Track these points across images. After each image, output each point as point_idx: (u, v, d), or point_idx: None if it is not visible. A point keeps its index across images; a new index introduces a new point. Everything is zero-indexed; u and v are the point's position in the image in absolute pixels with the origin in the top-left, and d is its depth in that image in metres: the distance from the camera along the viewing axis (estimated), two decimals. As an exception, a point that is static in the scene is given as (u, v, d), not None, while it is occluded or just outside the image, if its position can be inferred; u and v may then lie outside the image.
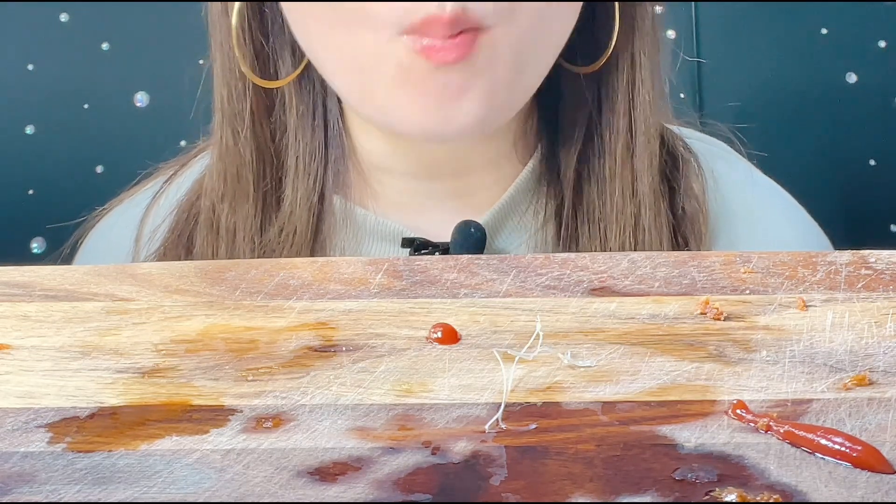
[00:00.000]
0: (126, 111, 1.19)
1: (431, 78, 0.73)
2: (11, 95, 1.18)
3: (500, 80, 0.75)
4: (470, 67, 0.73)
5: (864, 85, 1.19)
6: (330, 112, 0.84)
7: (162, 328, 0.59)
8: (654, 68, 0.83)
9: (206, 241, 0.84)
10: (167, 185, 0.90)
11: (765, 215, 0.88)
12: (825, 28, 1.19)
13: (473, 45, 0.73)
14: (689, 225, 0.84)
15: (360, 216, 0.84)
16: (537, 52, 0.77)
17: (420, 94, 0.74)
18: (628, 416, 0.51)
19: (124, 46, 1.19)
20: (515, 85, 0.76)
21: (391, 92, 0.75)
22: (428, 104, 0.74)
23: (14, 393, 0.54)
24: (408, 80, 0.74)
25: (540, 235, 0.84)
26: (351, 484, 0.47)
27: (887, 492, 0.46)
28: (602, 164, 0.83)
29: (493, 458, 0.49)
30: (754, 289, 0.61)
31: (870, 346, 0.56)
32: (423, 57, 0.73)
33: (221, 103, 0.84)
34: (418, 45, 0.72)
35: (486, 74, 0.74)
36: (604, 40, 0.82)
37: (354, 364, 0.56)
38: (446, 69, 0.73)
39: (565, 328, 0.58)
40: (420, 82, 0.74)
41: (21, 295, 0.63)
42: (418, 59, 0.73)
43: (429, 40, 0.72)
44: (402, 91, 0.74)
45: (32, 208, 1.19)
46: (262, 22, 0.83)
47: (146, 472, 0.48)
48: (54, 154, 1.19)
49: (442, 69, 0.73)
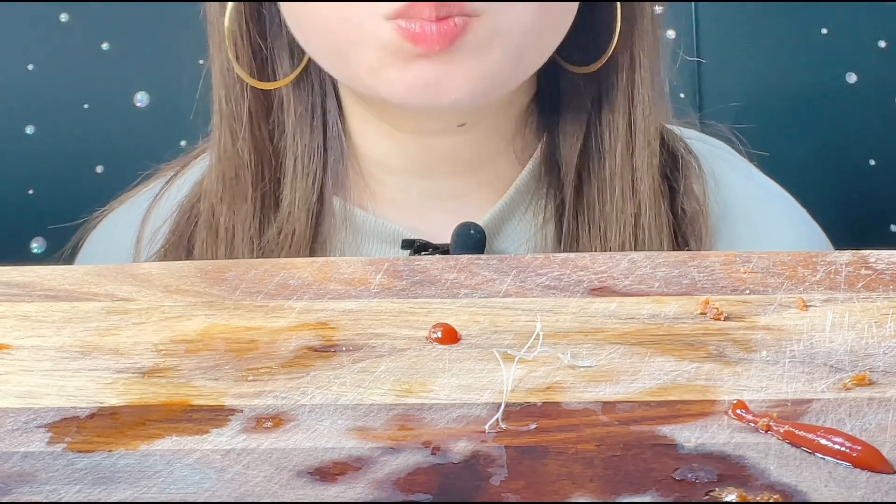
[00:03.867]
0: (126, 111, 1.19)
1: (416, 61, 0.74)
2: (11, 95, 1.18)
3: (489, 66, 0.75)
4: (456, 54, 0.74)
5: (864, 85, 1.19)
6: (329, 113, 0.84)
7: (162, 328, 0.59)
8: (653, 68, 0.83)
9: (206, 243, 0.84)
10: (168, 186, 0.90)
11: (765, 216, 0.87)
12: (825, 28, 1.19)
13: (462, 32, 0.73)
14: (690, 225, 0.84)
15: (360, 218, 0.84)
16: (533, 41, 0.77)
17: (406, 74, 0.74)
18: (628, 416, 0.51)
19: (124, 46, 1.19)
20: (508, 70, 0.77)
21: (375, 72, 0.75)
22: (415, 83, 0.74)
23: (14, 393, 0.54)
24: (393, 63, 0.74)
25: (540, 236, 0.84)
26: (351, 484, 0.47)
27: (887, 492, 0.46)
28: (602, 164, 0.83)
29: (493, 458, 0.49)
30: (754, 289, 0.61)
31: (870, 346, 0.56)
32: (411, 42, 0.73)
33: (220, 104, 0.84)
34: (405, 30, 0.73)
35: (473, 60, 0.74)
36: (603, 40, 0.82)
37: (354, 364, 0.56)
38: (431, 55, 0.73)
39: (565, 328, 0.58)
40: (404, 65, 0.74)
41: (21, 295, 0.63)
42: (404, 43, 0.73)
43: (417, 25, 0.73)
44: (387, 72, 0.75)
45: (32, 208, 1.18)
46: (259, 22, 0.83)
47: (146, 472, 0.48)
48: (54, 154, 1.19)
49: (427, 55, 0.73)
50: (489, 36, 0.74)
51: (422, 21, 0.73)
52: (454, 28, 0.73)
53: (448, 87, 0.75)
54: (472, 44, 0.74)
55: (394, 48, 0.74)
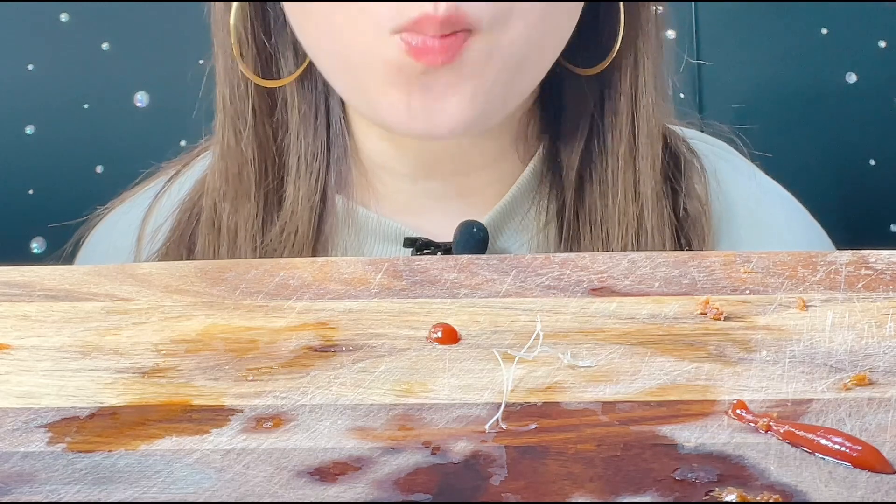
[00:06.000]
0: (126, 111, 1.19)
1: (418, 79, 0.74)
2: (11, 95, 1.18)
3: (489, 84, 0.75)
4: (458, 70, 0.73)
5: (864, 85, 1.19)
6: (332, 112, 0.84)
7: (162, 328, 0.59)
8: (656, 69, 0.83)
9: (208, 241, 0.84)
10: (169, 184, 0.90)
11: (768, 217, 0.87)
12: (825, 28, 1.19)
13: (462, 46, 0.73)
14: (692, 226, 0.84)
15: (362, 216, 0.84)
16: (532, 56, 0.77)
17: (407, 94, 0.74)
18: (628, 416, 0.51)
19: (124, 46, 1.19)
20: (507, 88, 0.76)
21: (381, 89, 0.75)
22: (414, 105, 0.74)
23: (14, 393, 0.54)
24: (397, 80, 0.74)
25: (542, 236, 0.84)
26: (351, 484, 0.47)
27: (887, 492, 0.46)
28: (604, 165, 0.83)
29: (493, 458, 0.49)
30: (754, 289, 0.61)
31: (870, 346, 0.56)
32: (413, 57, 0.73)
33: (223, 102, 0.84)
34: (409, 45, 0.73)
35: (475, 78, 0.74)
36: (606, 41, 0.82)
37: (354, 364, 0.56)
38: (434, 71, 0.73)
39: (565, 328, 0.58)
40: (407, 83, 0.74)
41: (21, 295, 0.63)
42: (408, 59, 0.73)
43: (419, 39, 0.72)
44: (391, 90, 0.75)
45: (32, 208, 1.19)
46: (264, 20, 0.83)
47: (146, 472, 0.48)
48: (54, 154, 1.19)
49: (430, 71, 0.73)
50: (488, 52, 0.74)
51: (425, 37, 0.72)
52: (456, 41, 0.73)
53: (447, 116, 0.74)
54: (472, 62, 0.74)
55: (397, 65, 0.73)
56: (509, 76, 0.76)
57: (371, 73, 0.75)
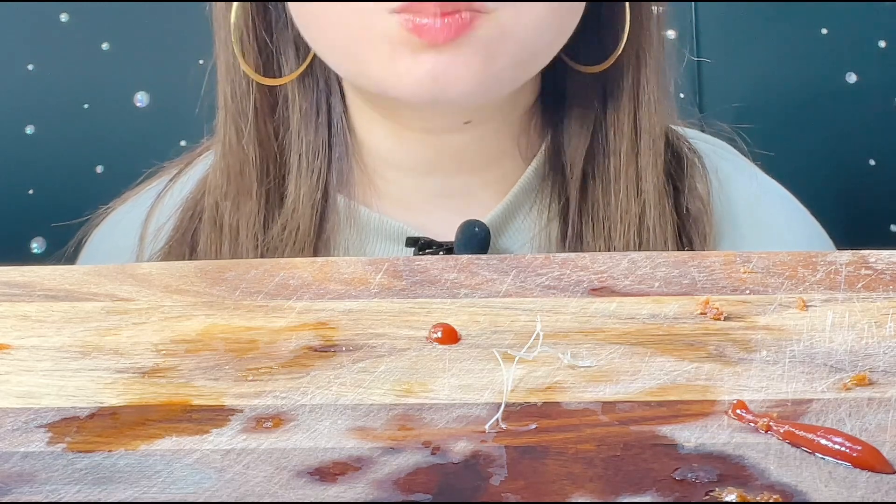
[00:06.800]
0: (126, 111, 1.18)
1: (423, 53, 0.74)
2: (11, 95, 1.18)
3: (496, 63, 0.75)
4: (463, 47, 0.74)
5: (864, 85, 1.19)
6: (333, 110, 0.84)
7: (162, 328, 0.59)
8: (658, 68, 0.83)
9: (210, 239, 0.85)
10: (171, 183, 0.90)
11: (769, 216, 0.88)
12: (825, 28, 1.19)
13: (469, 26, 0.73)
14: (694, 225, 0.84)
15: (364, 215, 0.84)
16: (540, 39, 0.77)
17: (413, 67, 0.74)
18: (628, 416, 0.51)
19: (124, 46, 1.19)
20: (514, 68, 0.77)
21: (386, 64, 0.75)
22: (423, 76, 0.74)
23: (14, 393, 0.54)
24: (400, 56, 0.74)
25: (544, 234, 0.84)
26: (351, 484, 0.47)
27: (887, 492, 0.46)
28: (607, 163, 0.83)
29: (493, 458, 0.49)
30: (754, 289, 0.61)
31: (870, 346, 0.56)
32: (415, 35, 0.73)
33: (225, 101, 0.84)
34: (410, 23, 0.73)
35: (481, 56, 0.74)
36: (610, 40, 0.83)
37: (354, 364, 0.56)
38: (437, 47, 0.73)
39: (565, 328, 0.58)
40: (411, 57, 0.74)
41: (21, 295, 0.63)
42: (410, 36, 0.73)
43: (420, 18, 0.73)
44: (394, 65, 0.75)
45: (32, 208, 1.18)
46: (265, 18, 0.83)
47: (146, 472, 0.48)
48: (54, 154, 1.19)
49: (434, 47, 0.73)
50: (499, 33, 0.74)
51: (427, 15, 0.73)
52: (460, 21, 0.73)
53: (455, 80, 0.74)
54: (481, 40, 0.74)
55: (401, 40, 0.74)
56: (518, 58, 0.76)
57: (375, 51, 0.75)
